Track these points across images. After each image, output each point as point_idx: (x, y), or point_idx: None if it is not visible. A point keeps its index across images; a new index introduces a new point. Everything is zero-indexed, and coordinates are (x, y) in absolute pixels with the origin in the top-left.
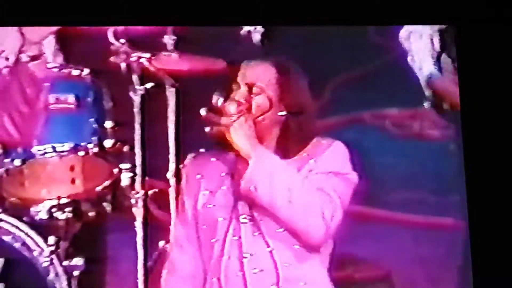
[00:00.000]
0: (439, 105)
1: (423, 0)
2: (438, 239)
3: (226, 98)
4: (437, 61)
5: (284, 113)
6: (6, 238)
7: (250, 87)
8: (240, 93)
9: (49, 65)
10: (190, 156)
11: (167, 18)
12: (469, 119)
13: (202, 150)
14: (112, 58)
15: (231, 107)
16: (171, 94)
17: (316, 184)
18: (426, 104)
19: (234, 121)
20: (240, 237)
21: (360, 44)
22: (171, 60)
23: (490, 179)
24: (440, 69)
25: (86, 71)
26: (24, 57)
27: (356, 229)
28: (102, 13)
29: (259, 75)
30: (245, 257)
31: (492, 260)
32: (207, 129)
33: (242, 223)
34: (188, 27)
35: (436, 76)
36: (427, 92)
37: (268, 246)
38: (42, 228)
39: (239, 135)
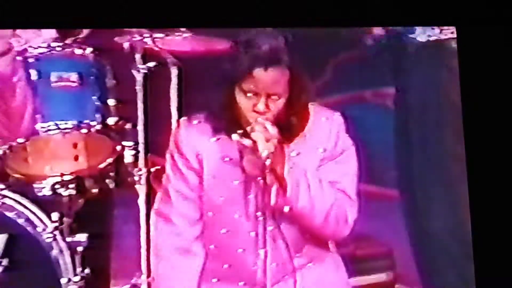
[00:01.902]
0: None
1: (423, 1)
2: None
3: (235, 107)
4: None
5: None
6: (10, 214)
7: (271, 95)
8: (262, 103)
9: (52, 44)
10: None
11: (168, 20)
12: (470, 119)
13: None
14: (116, 38)
15: (262, 132)
16: (174, 72)
17: (332, 176)
18: None
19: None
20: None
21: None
22: (175, 41)
23: (491, 179)
24: None
25: (89, 49)
26: None
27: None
28: (103, 15)
29: (276, 82)
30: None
31: (493, 259)
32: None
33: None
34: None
35: None
36: None
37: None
38: (46, 204)
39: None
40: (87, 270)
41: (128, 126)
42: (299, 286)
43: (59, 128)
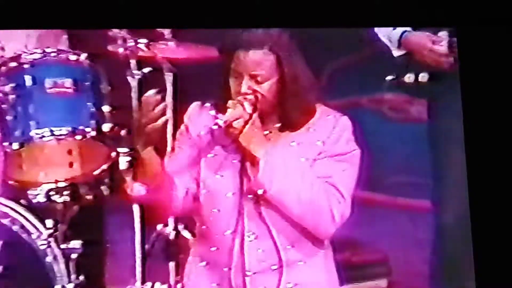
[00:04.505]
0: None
1: (423, 1)
2: (435, 223)
3: (228, 91)
4: None
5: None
6: (4, 221)
7: (253, 76)
8: (245, 84)
9: (47, 50)
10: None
11: (166, 20)
12: (471, 120)
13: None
14: (110, 46)
15: (240, 109)
16: (168, 79)
17: (325, 171)
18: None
19: (244, 126)
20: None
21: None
22: (169, 49)
23: (492, 179)
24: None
25: (83, 55)
26: None
27: (353, 213)
28: (101, 15)
29: (260, 63)
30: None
31: (494, 259)
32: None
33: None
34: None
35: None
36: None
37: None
38: (40, 211)
39: (249, 140)
40: (81, 277)
41: (123, 132)
42: (284, 282)
43: (53, 135)
